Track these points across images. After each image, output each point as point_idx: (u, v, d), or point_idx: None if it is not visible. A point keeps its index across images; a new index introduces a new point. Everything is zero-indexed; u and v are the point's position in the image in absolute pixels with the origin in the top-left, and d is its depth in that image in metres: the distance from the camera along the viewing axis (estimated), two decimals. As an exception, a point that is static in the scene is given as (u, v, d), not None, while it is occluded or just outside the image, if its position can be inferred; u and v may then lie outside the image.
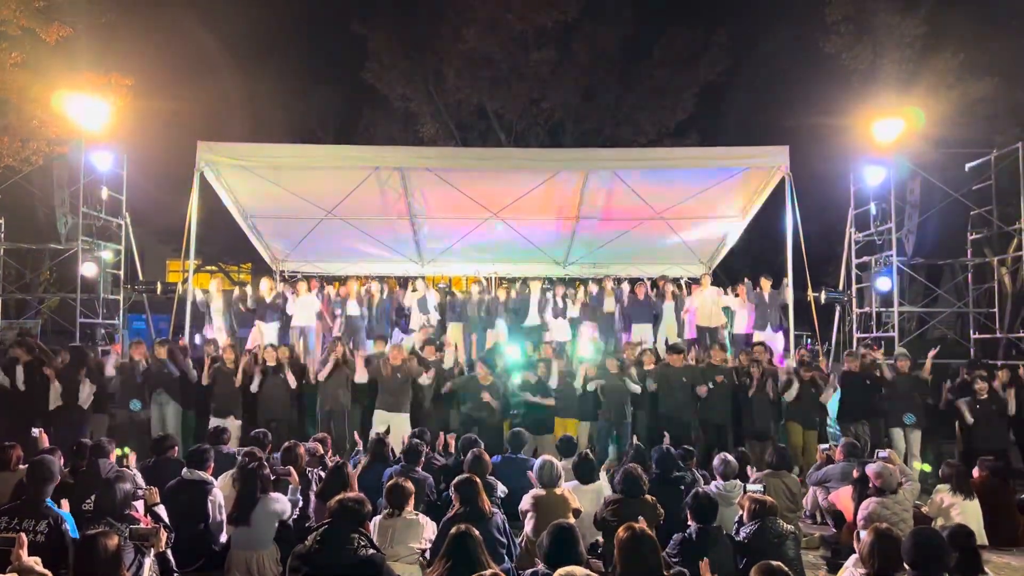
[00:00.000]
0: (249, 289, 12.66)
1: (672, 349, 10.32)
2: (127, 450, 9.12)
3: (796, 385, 9.57)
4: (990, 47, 15.92)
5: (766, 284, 12.31)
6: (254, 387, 9.65)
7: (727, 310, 12.56)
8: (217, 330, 12.04)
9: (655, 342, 12.38)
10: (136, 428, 9.48)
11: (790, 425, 9.67)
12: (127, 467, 6.69)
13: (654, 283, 13.57)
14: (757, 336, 11.94)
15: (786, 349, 11.95)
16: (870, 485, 6.35)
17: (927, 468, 9.26)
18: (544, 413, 9.68)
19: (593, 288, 13.30)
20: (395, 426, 9.03)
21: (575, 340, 12.26)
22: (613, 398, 9.64)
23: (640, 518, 4.81)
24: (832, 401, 10.11)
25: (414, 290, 13.05)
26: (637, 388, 9.73)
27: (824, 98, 18.14)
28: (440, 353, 10.53)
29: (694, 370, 9.96)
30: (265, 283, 12.43)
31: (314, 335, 12.20)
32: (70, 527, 4.79)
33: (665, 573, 4.08)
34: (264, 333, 11.85)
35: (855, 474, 6.94)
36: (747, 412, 9.71)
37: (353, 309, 12.43)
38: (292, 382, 9.70)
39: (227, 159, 12.03)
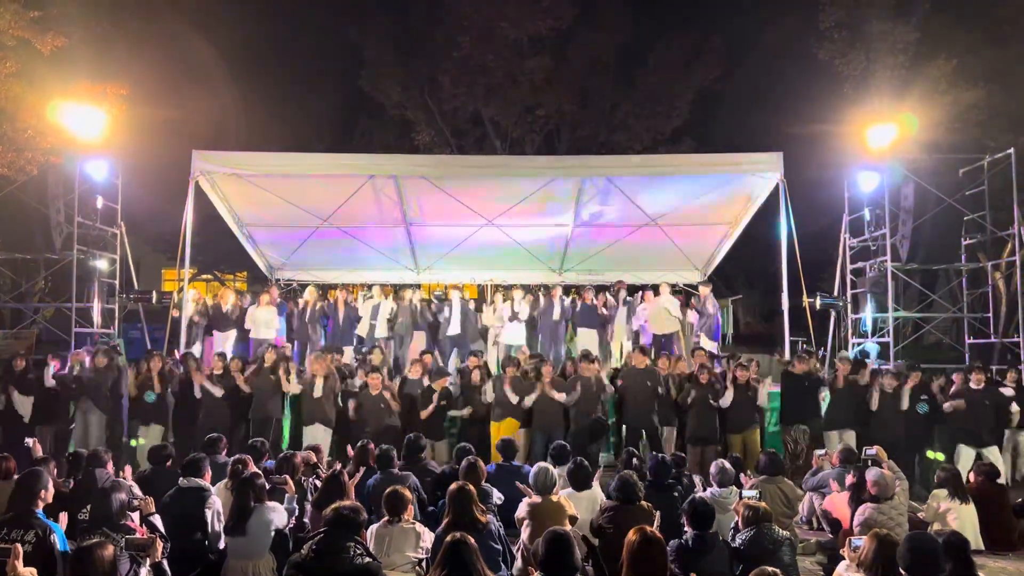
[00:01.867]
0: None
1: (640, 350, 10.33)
2: (142, 440, 9.24)
3: (730, 392, 9.51)
4: (982, 54, 16.03)
5: (705, 291, 12.59)
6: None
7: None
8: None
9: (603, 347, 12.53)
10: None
11: (730, 437, 9.57)
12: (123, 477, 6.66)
13: (609, 287, 13.56)
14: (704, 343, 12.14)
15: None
16: (866, 491, 6.36)
17: (940, 457, 9.28)
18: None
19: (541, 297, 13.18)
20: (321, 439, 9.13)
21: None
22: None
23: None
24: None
25: (368, 297, 12.93)
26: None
27: (818, 104, 18.26)
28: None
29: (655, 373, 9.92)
30: (231, 296, 12.43)
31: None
32: (59, 538, 4.79)
33: None
34: (218, 343, 11.91)
35: (849, 479, 6.96)
36: (692, 417, 9.65)
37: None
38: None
39: (222, 168, 12.02)
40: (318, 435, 9.24)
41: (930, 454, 9.25)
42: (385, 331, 12.42)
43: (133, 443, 9.55)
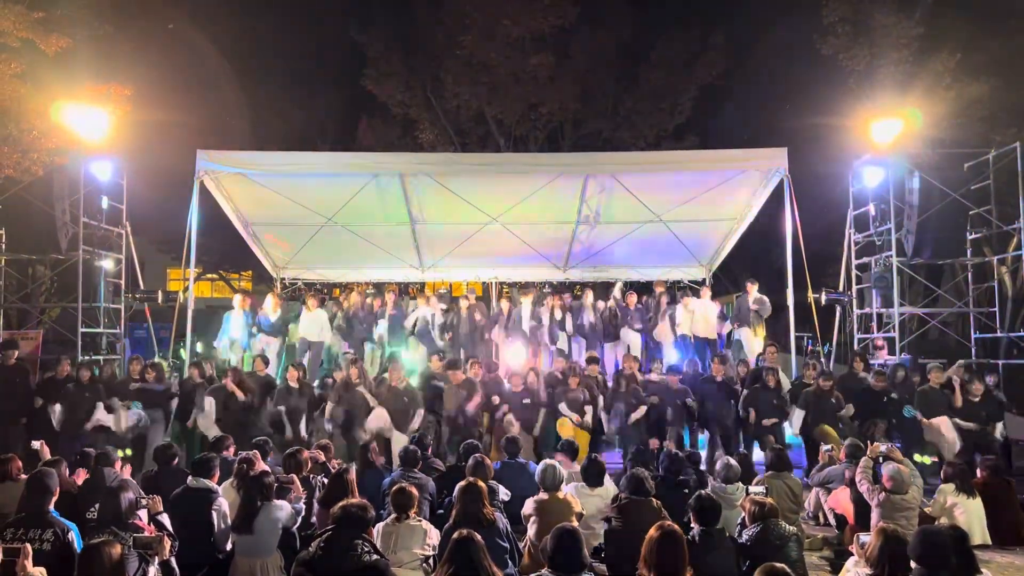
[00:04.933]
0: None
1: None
2: (129, 451, 9.22)
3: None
4: (987, 48, 15.94)
5: (752, 288, 12.50)
6: None
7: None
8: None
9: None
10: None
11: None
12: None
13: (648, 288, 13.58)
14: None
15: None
16: (882, 483, 6.35)
17: (927, 461, 9.26)
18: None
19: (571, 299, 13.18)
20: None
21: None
22: None
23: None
24: None
25: (415, 298, 13.01)
26: None
27: (822, 99, 18.16)
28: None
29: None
30: (269, 300, 12.36)
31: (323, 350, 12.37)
32: (75, 536, 4.81)
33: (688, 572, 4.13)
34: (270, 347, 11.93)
35: (846, 475, 6.97)
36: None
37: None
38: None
39: (227, 167, 12.05)
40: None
41: (917, 458, 9.21)
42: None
43: (120, 453, 9.47)
